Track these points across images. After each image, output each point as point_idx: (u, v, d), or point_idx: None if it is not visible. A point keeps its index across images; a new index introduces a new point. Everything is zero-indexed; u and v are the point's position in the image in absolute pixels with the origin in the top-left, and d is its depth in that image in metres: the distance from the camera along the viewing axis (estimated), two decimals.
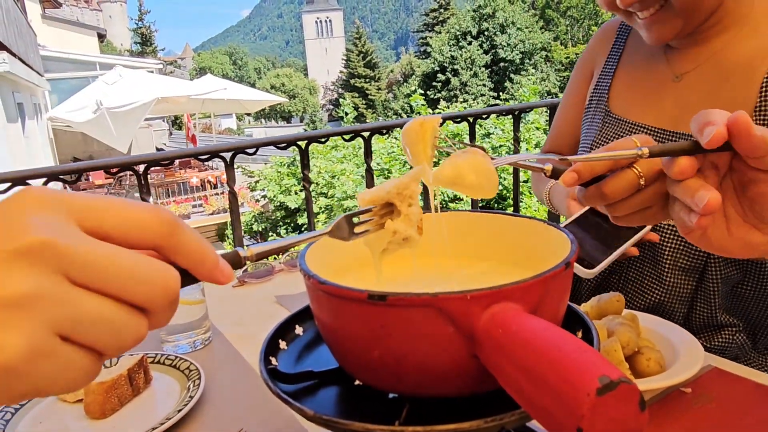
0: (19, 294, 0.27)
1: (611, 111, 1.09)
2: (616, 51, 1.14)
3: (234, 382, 0.82)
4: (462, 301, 0.39)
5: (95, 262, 0.29)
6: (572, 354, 0.33)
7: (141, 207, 0.31)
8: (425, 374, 0.43)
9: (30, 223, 0.28)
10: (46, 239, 0.27)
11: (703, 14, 0.91)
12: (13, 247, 0.27)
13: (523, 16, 28.34)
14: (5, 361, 0.27)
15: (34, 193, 0.29)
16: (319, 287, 0.44)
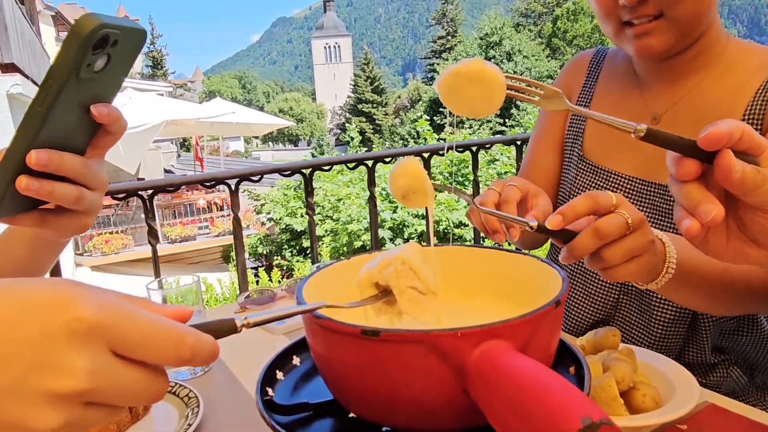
0: (48, 430, 0.31)
1: (585, 156, 1.07)
2: (587, 89, 1.12)
3: (232, 410, 0.82)
4: (453, 338, 0.40)
5: (118, 394, 0.34)
6: (557, 393, 0.34)
7: (167, 345, 0.35)
8: (417, 408, 0.44)
9: (74, 364, 0.31)
10: (86, 389, 0.31)
11: (694, 34, 0.91)
12: (57, 390, 0.31)
13: (530, 45, 28.69)
14: None
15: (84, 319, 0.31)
16: (315, 322, 0.45)
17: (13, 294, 0.32)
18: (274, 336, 1.08)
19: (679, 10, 0.86)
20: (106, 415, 0.35)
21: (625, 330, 1.00)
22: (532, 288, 0.53)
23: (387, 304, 0.50)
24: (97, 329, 0.32)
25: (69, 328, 0.31)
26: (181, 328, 0.35)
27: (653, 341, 0.96)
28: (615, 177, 1.02)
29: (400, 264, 0.48)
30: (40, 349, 0.31)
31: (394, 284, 0.48)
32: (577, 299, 1.05)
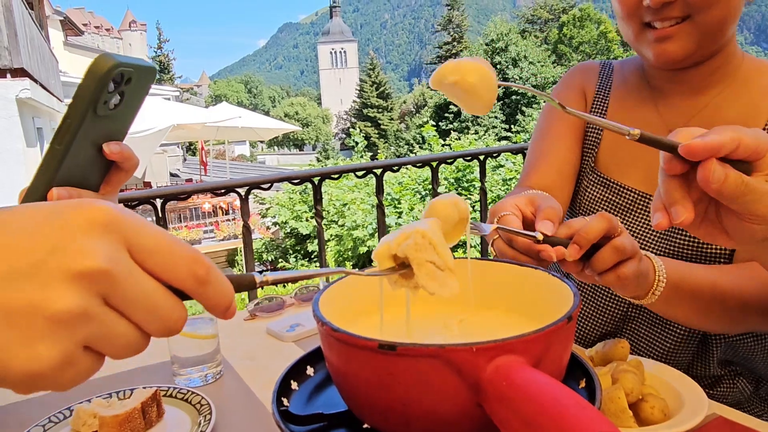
0: (66, 312, 0.30)
1: (597, 169, 1.06)
2: (600, 99, 1.10)
3: (244, 417, 0.83)
4: (468, 353, 0.41)
5: (133, 297, 0.32)
6: (572, 409, 0.35)
7: (181, 258, 0.34)
8: (432, 421, 0.44)
9: (94, 246, 0.31)
10: (105, 269, 0.31)
11: (716, 44, 0.90)
12: (76, 267, 0.30)
13: (536, 51, 28.71)
14: (37, 369, 0.30)
15: (103, 215, 0.32)
16: (332, 334, 0.46)
17: (32, 204, 0.32)
18: (284, 344, 1.09)
19: (709, 14, 0.85)
20: (124, 331, 0.33)
21: (635, 343, 1.00)
22: (542, 302, 0.54)
23: (403, 278, 0.50)
24: (115, 223, 0.32)
25: (88, 219, 0.31)
26: (198, 251, 0.35)
27: (663, 355, 0.97)
28: (626, 191, 1.02)
29: (420, 237, 0.48)
30: (59, 235, 0.30)
31: (413, 257, 0.49)
32: (586, 311, 1.06)
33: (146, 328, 0.34)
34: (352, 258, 11.76)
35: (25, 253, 0.30)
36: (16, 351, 0.29)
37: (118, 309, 0.32)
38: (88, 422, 0.79)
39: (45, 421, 0.81)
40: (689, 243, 0.93)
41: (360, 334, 0.44)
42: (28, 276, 0.30)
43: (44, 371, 0.30)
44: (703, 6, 0.84)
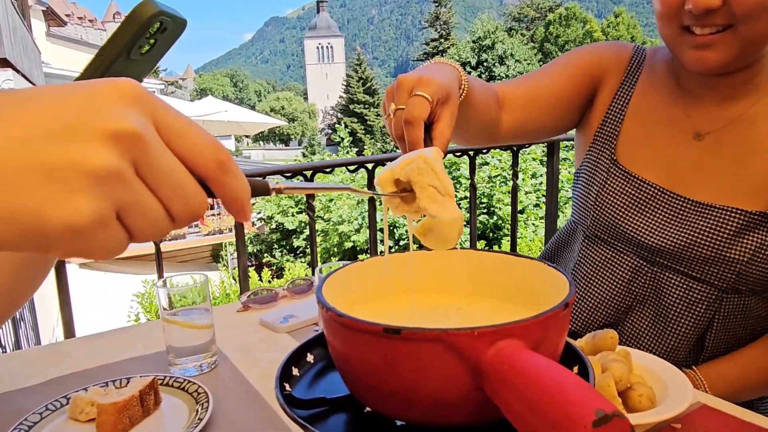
0: (103, 168, 0.31)
1: (618, 161, 1.05)
2: (626, 88, 1.08)
3: (241, 405, 0.84)
4: (470, 337, 0.43)
5: (161, 169, 0.33)
6: (571, 389, 0.36)
7: (204, 142, 0.35)
8: (433, 404, 0.46)
9: (126, 112, 0.32)
10: (138, 132, 0.32)
11: (756, 55, 0.89)
12: (110, 127, 0.31)
13: (522, 49, 28.83)
14: (76, 223, 0.30)
15: (132, 88, 0.33)
16: (336, 319, 0.48)
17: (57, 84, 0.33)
18: (278, 335, 1.10)
19: (753, 26, 0.84)
20: (151, 205, 0.34)
21: (636, 338, 1.02)
22: (538, 291, 0.56)
23: (405, 202, 0.53)
24: (144, 97, 0.33)
25: (119, 90, 0.32)
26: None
27: (664, 351, 0.99)
28: (647, 186, 1.02)
29: (422, 162, 0.51)
30: (92, 100, 0.31)
31: (416, 180, 0.51)
32: (589, 302, 1.07)
33: (171, 208, 0.35)
34: (337, 254, 11.75)
35: (60, 116, 0.31)
36: (56, 203, 0.30)
37: (146, 181, 0.33)
38: (86, 410, 0.80)
39: (42, 409, 0.81)
40: (710, 242, 0.96)
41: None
42: (65, 135, 0.30)
43: (82, 226, 0.31)
44: (749, 17, 0.83)
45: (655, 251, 1.00)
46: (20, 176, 0.30)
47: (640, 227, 1.01)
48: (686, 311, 0.98)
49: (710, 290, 0.97)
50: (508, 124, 1.07)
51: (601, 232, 1.06)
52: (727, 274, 0.95)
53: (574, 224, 1.16)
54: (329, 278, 0.57)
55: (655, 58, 1.09)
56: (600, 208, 1.05)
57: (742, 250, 0.93)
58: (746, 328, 1.00)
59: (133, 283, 10.08)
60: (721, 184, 0.96)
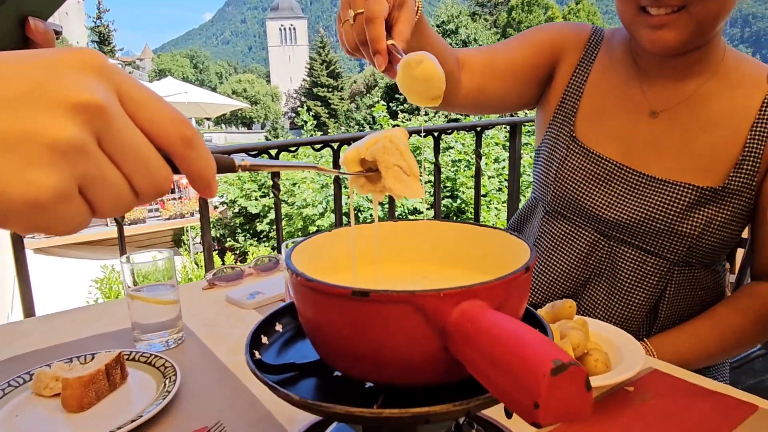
0: (65, 141, 0.30)
1: (577, 137, 1.09)
2: (584, 66, 1.11)
3: (209, 378, 0.85)
4: (436, 299, 0.45)
5: (125, 142, 0.33)
6: (530, 342, 0.38)
7: (169, 116, 0.35)
8: (401, 364, 0.48)
9: (89, 82, 0.31)
10: (102, 103, 0.31)
11: (708, 35, 0.93)
12: (73, 98, 0.30)
13: (485, 34, 28.96)
14: (36, 197, 0.29)
15: (95, 58, 0.32)
16: (306, 284, 0.49)
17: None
18: (245, 311, 1.10)
19: (705, 7, 0.88)
20: (115, 180, 0.33)
21: (592, 308, 1.07)
22: (501, 259, 0.58)
23: (370, 181, 0.54)
24: (107, 68, 0.32)
25: (81, 59, 0.31)
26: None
27: (617, 321, 1.04)
28: (605, 162, 1.05)
29: (388, 142, 0.52)
30: (54, 69, 0.30)
31: (381, 159, 0.52)
32: (550, 275, 1.11)
33: (135, 182, 0.34)
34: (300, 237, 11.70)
35: (18, 83, 0.29)
36: (14, 175, 0.29)
37: (109, 154, 0.32)
38: (50, 385, 0.79)
39: (4, 385, 0.80)
40: (663, 216, 1.00)
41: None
42: (22, 104, 0.29)
43: (43, 200, 0.30)
44: None
45: (611, 225, 1.04)
46: None
47: (598, 202, 1.04)
48: (640, 283, 1.02)
49: (662, 263, 1.02)
50: (466, 88, 1.08)
51: (560, 207, 1.10)
52: (678, 247, 1.00)
53: (535, 200, 1.19)
54: (297, 247, 0.58)
55: (613, 39, 1.12)
56: (560, 183, 1.08)
57: (693, 225, 0.98)
58: (695, 300, 1.05)
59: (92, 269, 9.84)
60: (674, 160, 1.00)
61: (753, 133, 0.96)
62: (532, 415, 0.36)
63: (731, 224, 0.99)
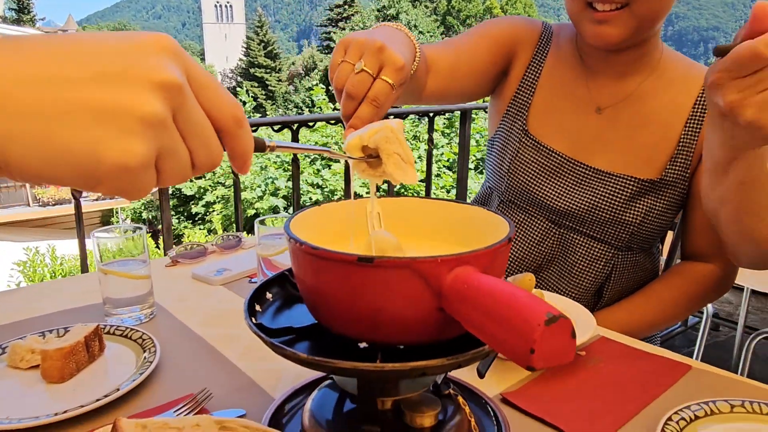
0: (153, 114, 0.34)
1: (529, 131, 1.14)
2: (536, 62, 1.17)
3: (186, 349, 0.87)
4: (434, 264, 0.50)
5: (193, 120, 0.37)
6: (523, 298, 0.44)
7: (227, 99, 0.39)
8: (398, 325, 0.53)
9: (168, 64, 0.35)
10: (179, 82, 0.35)
11: (647, 32, 1.00)
12: (157, 77, 0.34)
13: (426, 21, 29.13)
14: (127, 162, 0.33)
15: (170, 42, 0.36)
16: (311, 252, 0.53)
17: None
18: (213, 287, 1.12)
19: (645, 5, 0.94)
20: (183, 153, 0.37)
21: (543, 289, 1.15)
22: (481, 234, 0.64)
23: (371, 166, 0.59)
24: (179, 52, 0.36)
25: (160, 43, 0.35)
26: None
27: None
28: (555, 155, 1.12)
29: (389, 132, 0.57)
30: (138, 50, 0.34)
31: (383, 148, 0.57)
32: (514, 257, 1.18)
33: (196, 156, 0.38)
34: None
35: (111, 61, 0.33)
36: (110, 143, 0.33)
37: (180, 129, 0.36)
38: (26, 357, 0.80)
39: None
40: (608, 206, 1.08)
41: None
42: (117, 80, 0.33)
43: (132, 166, 0.33)
44: None
45: (562, 215, 1.12)
46: (74, 116, 0.32)
47: (549, 193, 1.12)
48: (588, 267, 1.11)
49: (608, 249, 1.11)
50: (431, 88, 1.12)
51: (514, 198, 1.17)
52: (622, 234, 1.09)
53: (489, 189, 1.26)
54: (294, 219, 0.61)
55: (560, 36, 1.19)
56: (513, 175, 1.16)
57: (635, 214, 1.07)
58: (636, 280, 1.15)
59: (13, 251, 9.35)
60: (618, 154, 1.09)
61: (687, 128, 1.06)
62: (528, 360, 0.42)
63: (668, 212, 1.09)
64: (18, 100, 0.31)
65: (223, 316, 0.99)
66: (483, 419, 0.69)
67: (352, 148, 0.59)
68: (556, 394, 0.77)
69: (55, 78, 0.32)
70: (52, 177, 0.33)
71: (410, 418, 0.61)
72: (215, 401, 0.74)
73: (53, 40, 0.33)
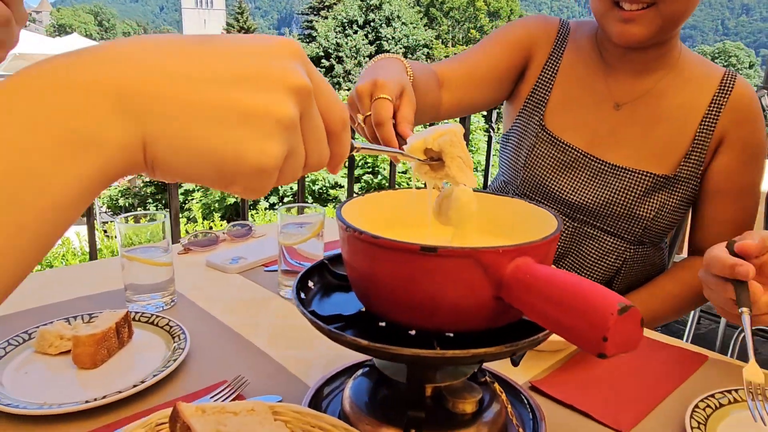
0: (289, 118, 0.35)
1: (546, 126, 1.16)
2: (554, 59, 1.18)
3: (213, 337, 0.87)
4: (495, 254, 0.51)
5: (314, 122, 0.38)
6: (590, 287, 0.46)
7: (339, 103, 0.40)
8: (455, 312, 0.54)
9: (298, 68, 0.36)
10: (309, 87, 0.36)
11: (671, 32, 1.03)
12: (292, 81, 0.35)
13: (409, 12, 29.04)
14: (266, 164, 0.34)
15: (298, 47, 0.37)
16: (371, 241, 0.53)
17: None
18: (229, 275, 1.12)
19: (672, 5, 0.97)
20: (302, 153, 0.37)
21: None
22: (527, 226, 0.65)
23: (433, 169, 0.61)
24: (304, 56, 0.37)
25: (290, 49, 0.36)
26: None
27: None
28: (571, 150, 1.13)
29: (453, 135, 0.59)
30: (273, 54, 0.35)
31: (447, 151, 0.59)
32: None
33: (310, 157, 0.39)
34: (219, 210, 11.41)
35: (250, 63, 0.34)
36: (252, 144, 0.33)
37: (303, 131, 0.37)
38: (55, 343, 0.79)
39: (4, 344, 0.79)
40: (623, 200, 1.10)
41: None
42: (255, 82, 0.33)
43: (268, 167, 0.34)
44: None
45: (576, 208, 1.14)
46: (221, 116, 0.32)
47: (564, 187, 1.14)
48: (599, 261, 1.14)
49: (620, 243, 1.13)
50: (448, 102, 1.15)
51: (529, 191, 1.19)
52: (635, 228, 1.12)
53: (504, 183, 1.27)
54: (344, 207, 0.62)
55: (578, 33, 1.21)
56: (529, 169, 1.18)
57: (649, 208, 1.10)
58: (644, 274, 1.18)
59: None
60: (633, 150, 1.11)
61: (701, 127, 1.09)
62: (600, 347, 0.43)
63: (680, 208, 1.12)
64: (166, 100, 0.31)
65: (243, 304, 0.99)
66: (518, 406, 0.71)
67: (415, 150, 0.60)
68: (582, 382, 0.79)
69: (201, 79, 0.32)
70: (195, 176, 0.33)
71: (453, 404, 0.62)
72: (250, 388, 0.74)
73: (188, 41, 0.33)
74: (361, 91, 0.79)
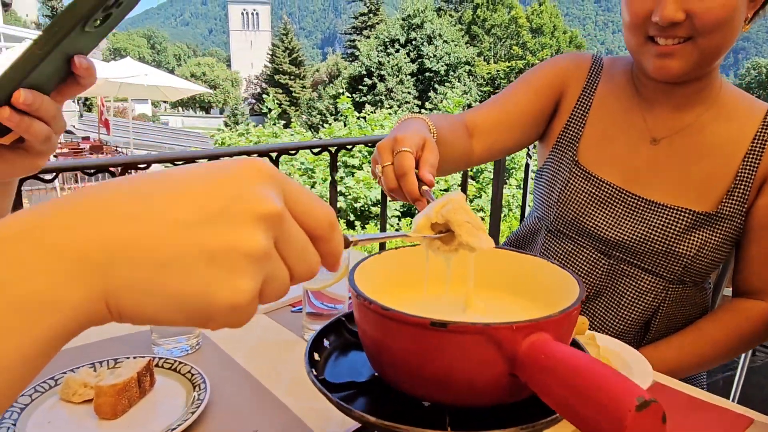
0: (259, 250, 0.33)
1: (580, 162, 1.14)
2: (587, 95, 1.16)
3: (234, 385, 0.87)
4: (509, 330, 0.48)
5: (292, 240, 0.37)
6: (610, 376, 0.43)
7: (320, 207, 0.39)
8: (468, 388, 0.52)
9: (267, 193, 0.34)
10: (280, 212, 0.35)
11: (710, 66, 0.99)
12: (258, 209, 0.33)
13: (450, 30, 29.15)
14: (238, 301, 0.33)
15: (266, 167, 0.36)
16: (381, 312, 0.52)
17: (191, 165, 0.36)
18: (256, 315, 1.12)
19: (710, 39, 0.93)
20: (283, 274, 0.36)
21: (592, 321, 1.13)
22: (546, 288, 0.62)
23: (444, 242, 0.59)
24: (275, 174, 0.36)
25: (257, 170, 0.35)
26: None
27: (612, 335, 1.10)
28: (606, 186, 1.10)
29: (455, 203, 0.58)
30: (237, 184, 0.34)
31: (453, 219, 0.57)
32: None
33: (295, 271, 0.38)
34: None
35: (213, 200, 0.33)
36: (220, 284, 0.32)
37: (280, 252, 0.36)
38: (79, 392, 0.80)
39: (30, 390, 0.80)
40: (661, 237, 1.06)
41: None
42: (220, 219, 0.32)
43: (243, 303, 0.33)
44: (707, 31, 0.92)
45: (612, 245, 1.10)
46: (186, 261, 0.32)
47: (600, 223, 1.11)
48: (637, 300, 1.09)
49: (659, 281, 1.08)
50: (479, 149, 1.16)
51: (563, 227, 1.15)
52: (674, 267, 1.07)
53: (537, 220, 1.24)
54: (357, 270, 0.61)
55: (613, 68, 1.18)
56: (563, 205, 1.14)
57: (689, 246, 1.05)
58: (685, 315, 1.13)
59: None
60: (672, 186, 1.07)
61: (745, 162, 1.04)
62: None
63: (723, 246, 1.07)
64: (129, 250, 0.31)
65: (268, 348, 0.98)
66: None
67: (422, 229, 0.59)
68: None
69: (166, 224, 0.31)
70: (165, 321, 0.33)
71: None
72: None
73: (150, 184, 0.33)
74: (382, 147, 0.80)
